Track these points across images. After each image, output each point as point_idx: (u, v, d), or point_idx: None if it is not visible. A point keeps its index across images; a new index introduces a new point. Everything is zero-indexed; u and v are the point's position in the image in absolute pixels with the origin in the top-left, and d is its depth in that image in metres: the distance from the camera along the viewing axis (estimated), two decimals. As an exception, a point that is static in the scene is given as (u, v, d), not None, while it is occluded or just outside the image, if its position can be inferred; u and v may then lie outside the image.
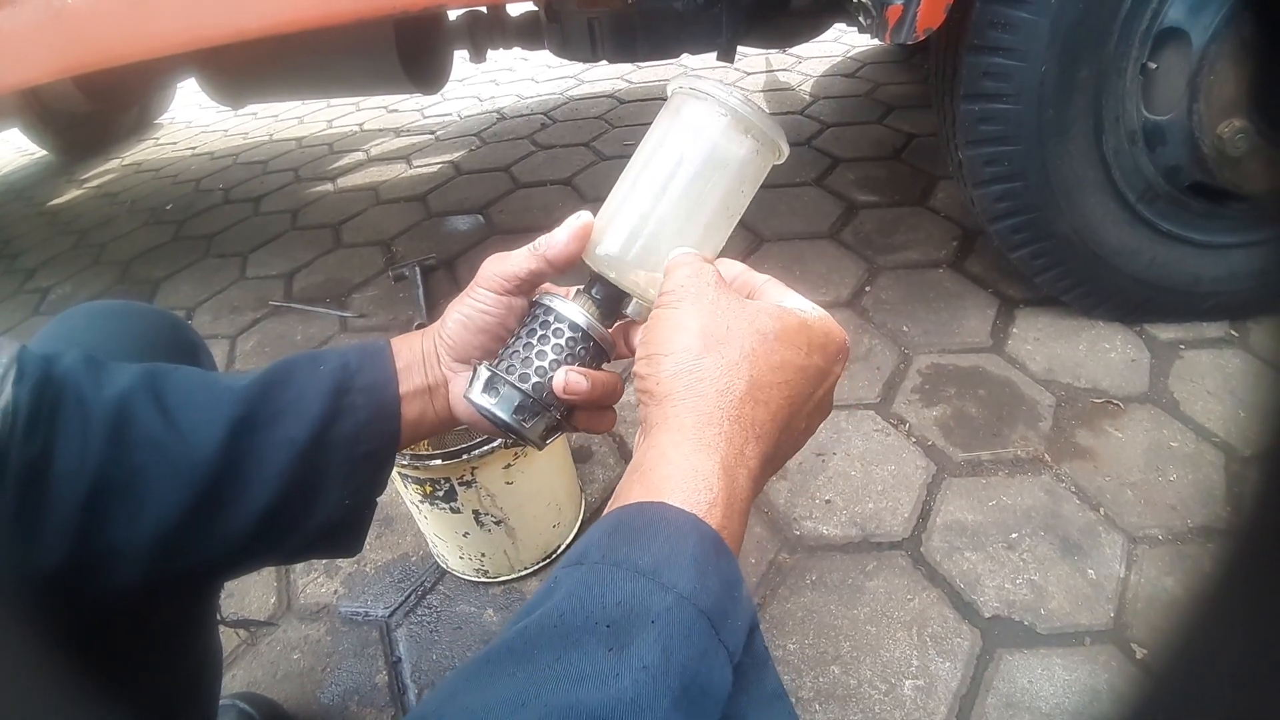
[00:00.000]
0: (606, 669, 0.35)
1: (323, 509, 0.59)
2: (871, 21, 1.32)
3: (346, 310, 2.08)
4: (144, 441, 0.52)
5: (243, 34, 1.40)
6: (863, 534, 1.22)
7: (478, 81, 4.12)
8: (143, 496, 0.51)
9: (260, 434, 0.56)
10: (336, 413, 0.58)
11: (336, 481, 0.59)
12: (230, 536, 0.56)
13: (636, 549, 0.40)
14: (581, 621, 0.37)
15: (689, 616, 0.37)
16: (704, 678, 0.36)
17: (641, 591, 0.38)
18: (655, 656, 0.35)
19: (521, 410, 0.58)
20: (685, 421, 0.46)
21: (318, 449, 0.57)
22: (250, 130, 4.00)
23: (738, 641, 0.38)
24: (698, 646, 0.36)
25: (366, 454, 0.60)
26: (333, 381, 0.59)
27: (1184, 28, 1.22)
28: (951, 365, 1.53)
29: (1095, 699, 0.97)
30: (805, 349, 0.50)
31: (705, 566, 0.39)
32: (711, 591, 0.38)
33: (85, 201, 3.43)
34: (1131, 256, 1.43)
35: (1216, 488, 1.21)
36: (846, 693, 1.01)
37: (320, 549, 0.64)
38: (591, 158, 2.80)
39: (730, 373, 0.47)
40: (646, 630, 0.36)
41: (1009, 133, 1.33)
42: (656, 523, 0.41)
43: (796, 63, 3.47)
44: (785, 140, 0.58)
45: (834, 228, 2.07)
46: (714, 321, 0.48)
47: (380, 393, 0.61)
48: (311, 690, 1.13)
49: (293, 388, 0.58)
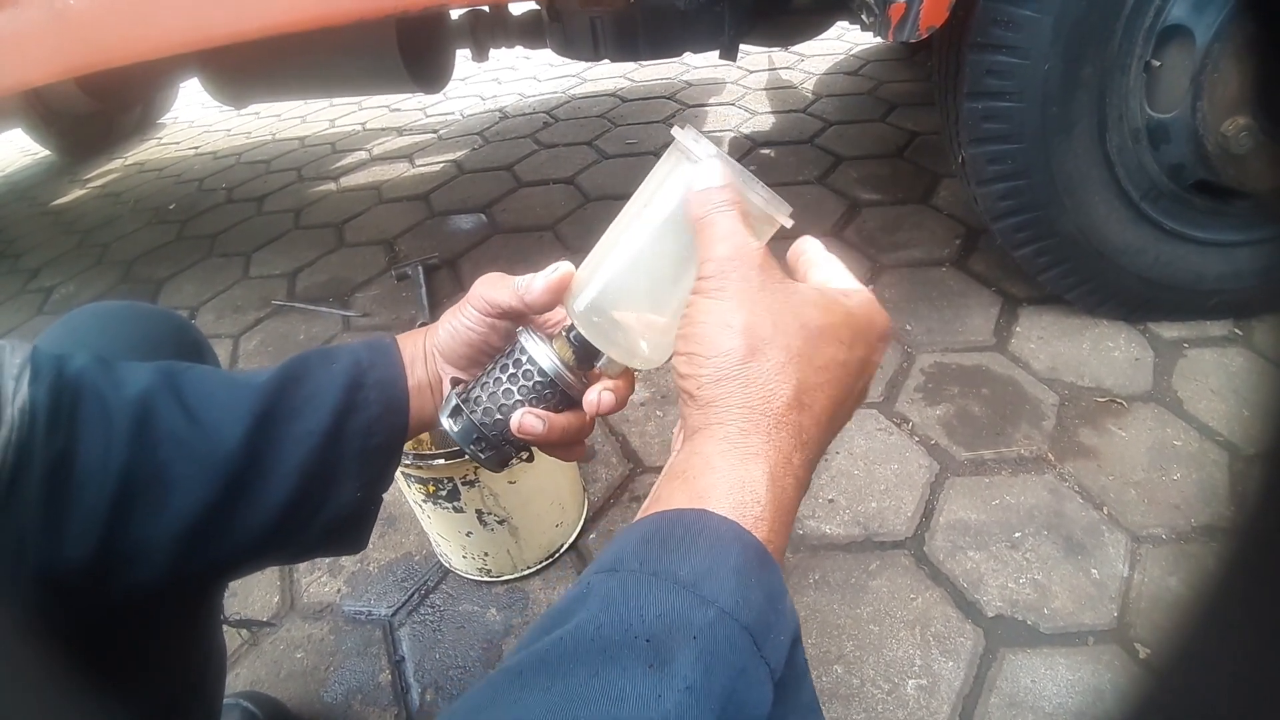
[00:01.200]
0: (647, 689, 0.33)
1: (335, 502, 0.60)
2: (874, 19, 1.31)
3: (349, 309, 2.08)
4: (167, 437, 0.53)
5: (244, 34, 1.40)
6: (866, 533, 1.22)
7: (480, 80, 4.12)
8: (168, 492, 0.52)
9: (281, 427, 0.57)
10: (351, 406, 0.59)
11: (350, 473, 0.60)
12: (249, 531, 0.56)
13: (676, 559, 0.38)
14: (620, 635, 0.35)
15: (731, 632, 0.35)
16: (743, 695, 0.34)
17: (682, 605, 0.36)
18: (698, 676, 0.33)
19: (479, 442, 0.60)
20: (730, 430, 0.44)
21: (334, 441, 0.58)
22: (253, 130, 4.00)
23: (780, 656, 0.37)
24: (739, 664, 0.35)
25: (378, 446, 0.61)
26: (347, 376, 0.60)
27: (1187, 25, 1.21)
28: (955, 364, 1.53)
29: (1099, 699, 0.96)
30: (849, 343, 0.48)
31: (748, 579, 0.38)
32: (754, 605, 0.37)
33: (88, 201, 3.43)
34: (1135, 255, 1.42)
35: (1220, 487, 1.21)
36: (850, 692, 1.01)
37: (328, 545, 0.65)
38: (594, 156, 2.80)
39: (777, 377, 0.44)
40: (688, 647, 0.34)
41: (1012, 131, 1.32)
42: (697, 531, 0.40)
43: (799, 60, 3.47)
44: (785, 211, 0.53)
45: (837, 226, 2.06)
46: (758, 317, 0.45)
47: (391, 387, 0.62)
48: (315, 689, 1.13)
49: (310, 383, 0.59)
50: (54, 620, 0.50)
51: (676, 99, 3.26)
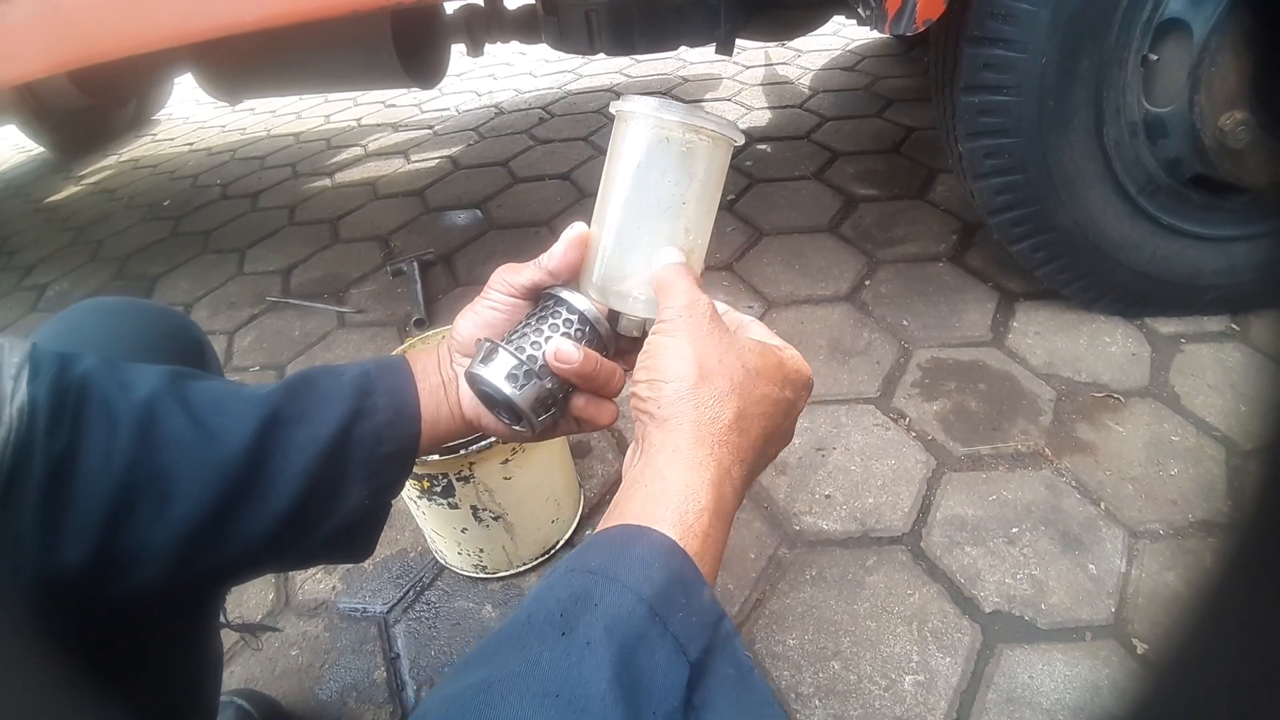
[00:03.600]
0: (559, 651, 0.39)
1: (341, 510, 0.60)
2: (871, 13, 1.31)
3: (344, 306, 2.07)
4: (171, 441, 0.52)
5: (237, 27, 1.39)
6: (862, 529, 1.21)
7: (475, 76, 4.11)
8: (169, 495, 0.52)
9: (286, 433, 0.57)
10: (359, 413, 0.60)
11: (357, 481, 0.60)
12: (252, 537, 0.56)
13: (589, 556, 0.45)
14: (541, 616, 0.42)
15: (629, 602, 0.41)
16: (645, 659, 0.39)
17: (588, 584, 0.43)
18: (597, 634, 0.39)
19: (513, 378, 0.59)
20: (681, 443, 0.51)
21: (341, 447, 0.59)
22: (248, 126, 3.99)
23: (692, 637, 0.42)
24: (637, 628, 0.40)
25: (388, 454, 0.62)
26: (355, 385, 0.61)
27: (1185, 19, 1.21)
28: (951, 359, 1.53)
29: (1096, 694, 0.96)
30: (780, 384, 0.56)
31: (650, 564, 0.44)
32: (655, 583, 0.42)
33: (83, 198, 3.42)
34: (1132, 249, 1.42)
35: (1217, 482, 1.20)
36: (847, 688, 1.01)
37: (333, 553, 0.65)
38: (590, 152, 2.79)
39: (721, 402, 0.52)
40: (590, 613, 0.41)
41: (1009, 125, 1.32)
42: (612, 536, 0.47)
43: (795, 56, 3.47)
44: (716, 125, 0.58)
45: (833, 221, 2.06)
46: (707, 352, 0.53)
47: (400, 395, 0.63)
48: (310, 686, 1.13)
49: (316, 391, 0.60)
50: (51, 622, 0.50)
51: (673, 94, 3.25)
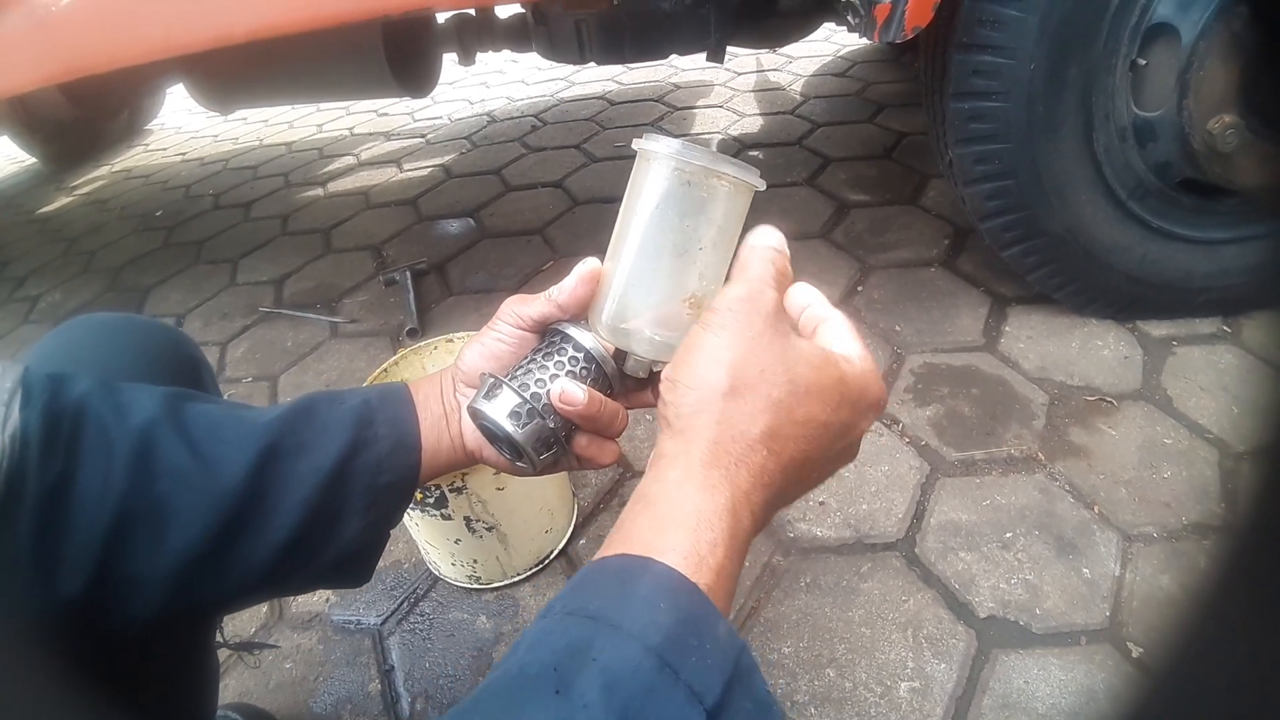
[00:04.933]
0: (553, 712, 0.35)
1: (341, 539, 0.59)
2: (860, 20, 1.31)
3: (337, 316, 2.07)
4: (169, 470, 0.52)
5: (226, 39, 1.39)
6: (857, 535, 1.21)
7: (468, 84, 4.11)
8: (167, 526, 0.51)
9: (286, 464, 0.56)
10: (360, 443, 0.59)
11: (357, 511, 0.60)
12: (250, 567, 0.55)
13: (589, 596, 0.41)
14: (536, 670, 0.37)
15: (634, 653, 0.37)
16: (651, 712, 0.36)
17: (586, 633, 0.38)
18: (595, 694, 0.35)
19: (516, 415, 0.58)
20: (694, 460, 0.45)
21: (341, 479, 0.58)
22: (240, 135, 3.98)
23: (709, 681, 0.38)
24: (644, 683, 0.36)
25: (388, 485, 0.61)
26: (355, 415, 0.60)
27: (1173, 23, 1.22)
28: (944, 364, 1.53)
29: (1092, 699, 0.96)
30: (835, 405, 0.49)
31: (656, 605, 0.39)
32: (662, 629, 0.38)
33: (75, 209, 3.41)
34: (1123, 253, 1.42)
35: (1211, 484, 1.20)
36: (842, 696, 1.00)
37: (332, 580, 0.64)
38: (582, 160, 2.80)
39: (749, 420, 0.46)
40: (588, 669, 0.36)
41: (999, 131, 1.32)
42: (613, 571, 0.42)
43: (787, 62, 3.47)
44: (738, 170, 0.56)
45: (825, 227, 2.06)
46: (748, 361, 0.47)
47: (401, 424, 0.62)
48: (304, 700, 1.12)
49: (317, 420, 0.59)
50: (47, 649, 0.49)
51: (665, 101, 3.25)
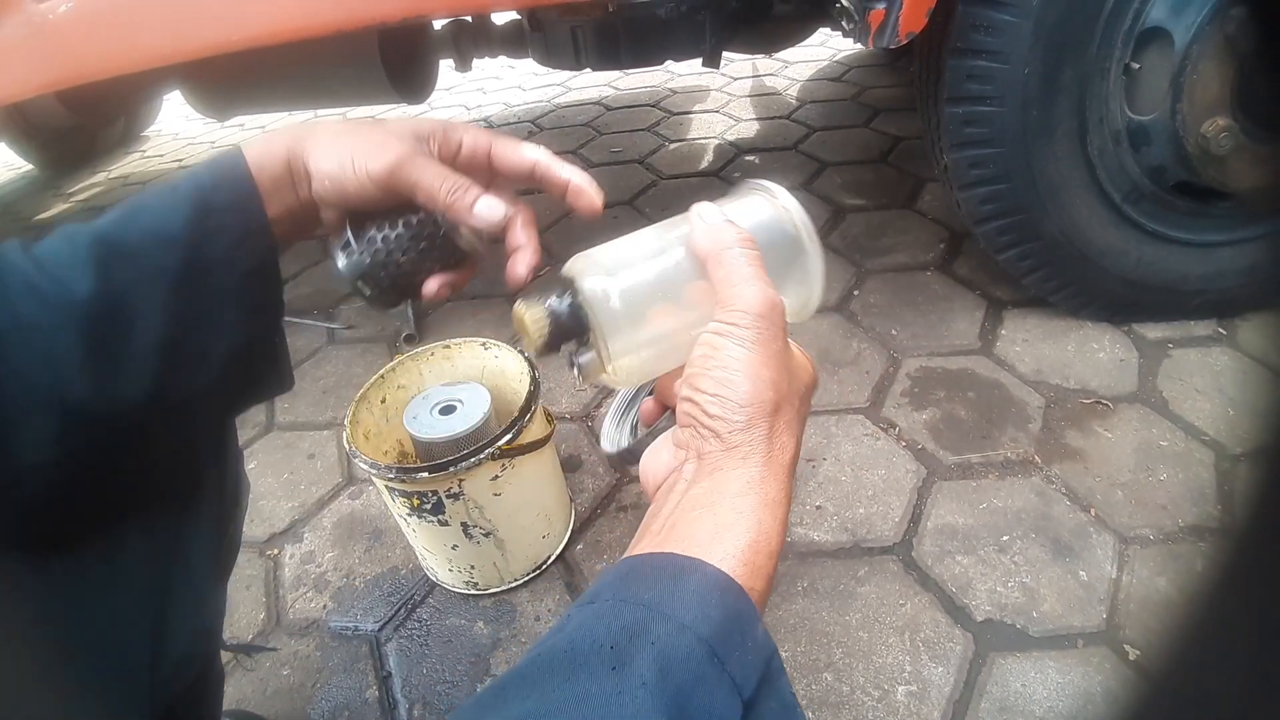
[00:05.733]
0: (610, 687, 0.36)
1: (225, 335, 0.59)
2: (854, 26, 1.32)
3: (334, 322, 2.07)
4: (21, 288, 0.52)
5: (224, 47, 1.39)
6: (853, 539, 1.21)
7: (465, 90, 4.11)
8: (34, 342, 0.52)
9: (128, 267, 0.55)
10: (202, 236, 0.57)
11: (229, 304, 0.59)
12: (139, 372, 0.55)
13: (642, 587, 0.42)
14: (588, 646, 0.39)
15: (688, 641, 0.38)
16: (701, 699, 0.37)
17: (643, 618, 0.40)
18: (653, 674, 0.37)
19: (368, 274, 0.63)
20: (753, 475, 0.47)
21: (196, 274, 0.57)
22: (237, 142, 3.97)
23: (748, 677, 0.39)
24: (696, 670, 0.38)
25: (251, 271, 0.59)
26: (190, 205, 0.57)
27: (1166, 27, 1.22)
28: (940, 368, 1.53)
29: (1089, 702, 0.96)
30: (808, 401, 0.54)
31: (708, 600, 0.41)
32: (713, 622, 0.40)
33: (72, 216, 3.40)
34: (1118, 256, 1.43)
35: (1207, 486, 1.21)
36: (840, 699, 1.00)
37: (246, 387, 0.65)
38: (579, 165, 2.79)
39: (787, 433, 0.49)
40: (646, 651, 0.38)
41: (993, 135, 1.33)
42: (663, 565, 0.44)
43: (783, 67, 3.48)
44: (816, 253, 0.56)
45: (821, 232, 2.07)
46: (781, 376, 0.49)
47: (244, 209, 0.59)
48: (301, 706, 1.12)
49: (147, 217, 0.57)
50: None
51: (661, 107, 3.26)
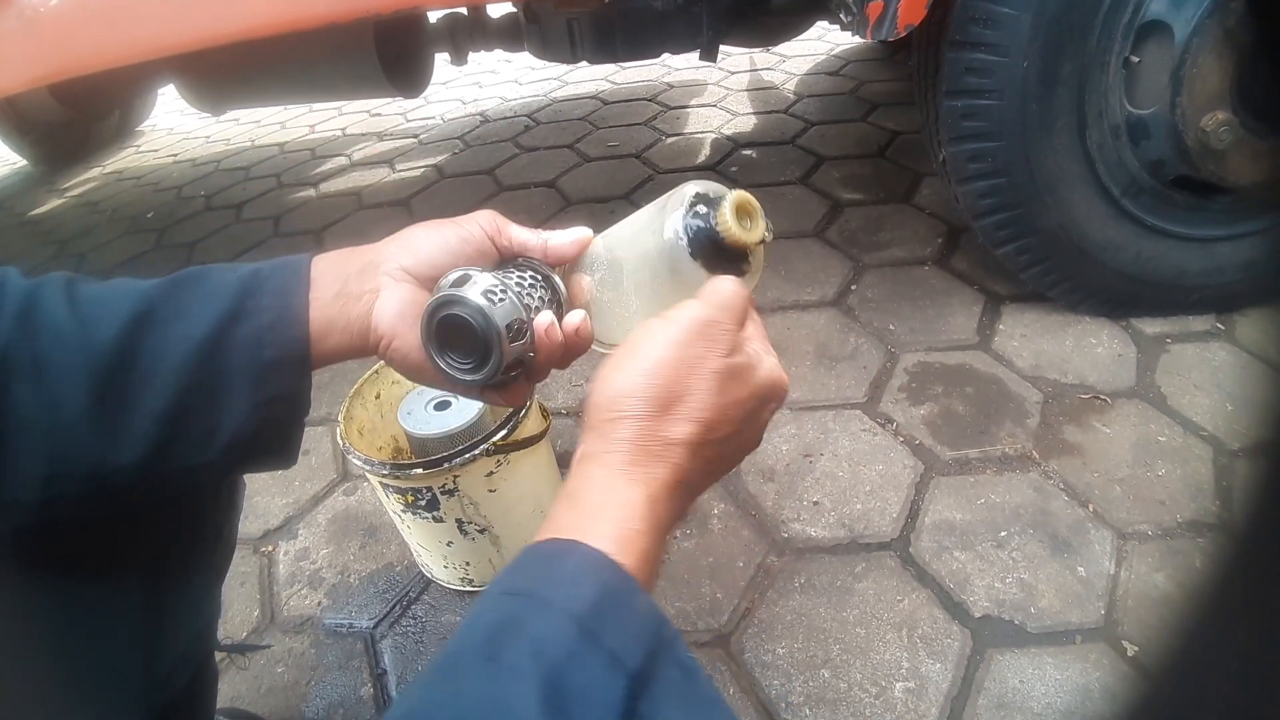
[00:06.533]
0: (483, 678, 0.39)
1: (232, 418, 0.57)
2: (853, 19, 1.31)
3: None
4: (48, 327, 0.52)
5: (216, 40, 1.38)
6: (851, 535, 1.21)
7: (461, 84, 4.10)
8: (44, 381, 0.52)
9: (159, 330, 0.55)
10: (238, 314, 0.57)
11: (242, 388, 0.57)
12: (138, 436, 0.54)
13: (519, 576, 0.45)
14: (471, 645, 0.41)
15: (559, 622, 0.40)
16: (578, 678, 0.39)
17: (514, 607, 0.42)
18: (525, 660, 0.38)
19: (510, 328, 0.57)
20: (615, 459, 0.49)
21: (216, 349, 0.56)
22: (232, 136, 3.97)
23: (630, 647, 0.41)
24: (568, 648, 0.39)
25: (272, 360, 0.58)
26: (240, 285, 0.58)
27: (1166, 21, 1.21)
28: (938, 363, 1.52)
29: (1087, 698, 0.96)
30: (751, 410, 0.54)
31: (581, 580, 0.43)
32: (585, 600, 0.41)
33: (66, 210, 3.39)
34: (1117, 251, 1.42)
35: (1205, 482, 1.20)
36: (837, 696, 1.00)
37: (249, 462, 0.64)
38: (575, 159, 2.79)
39: (672, 427, 0.50)
40: (515, 637, 0.40)
41: (992, 129, 1.32)
42: (542, 552, 0.46)
43: (780, 61, 3.47)
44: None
45: (819, 226, 2.06)
46: (685, 379, 0.51)
47: (289, 296, 0.59)
48: (296, 704, 1.11)
49: (200, 289, 0.57)
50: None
51: (658, 101, 3.25)
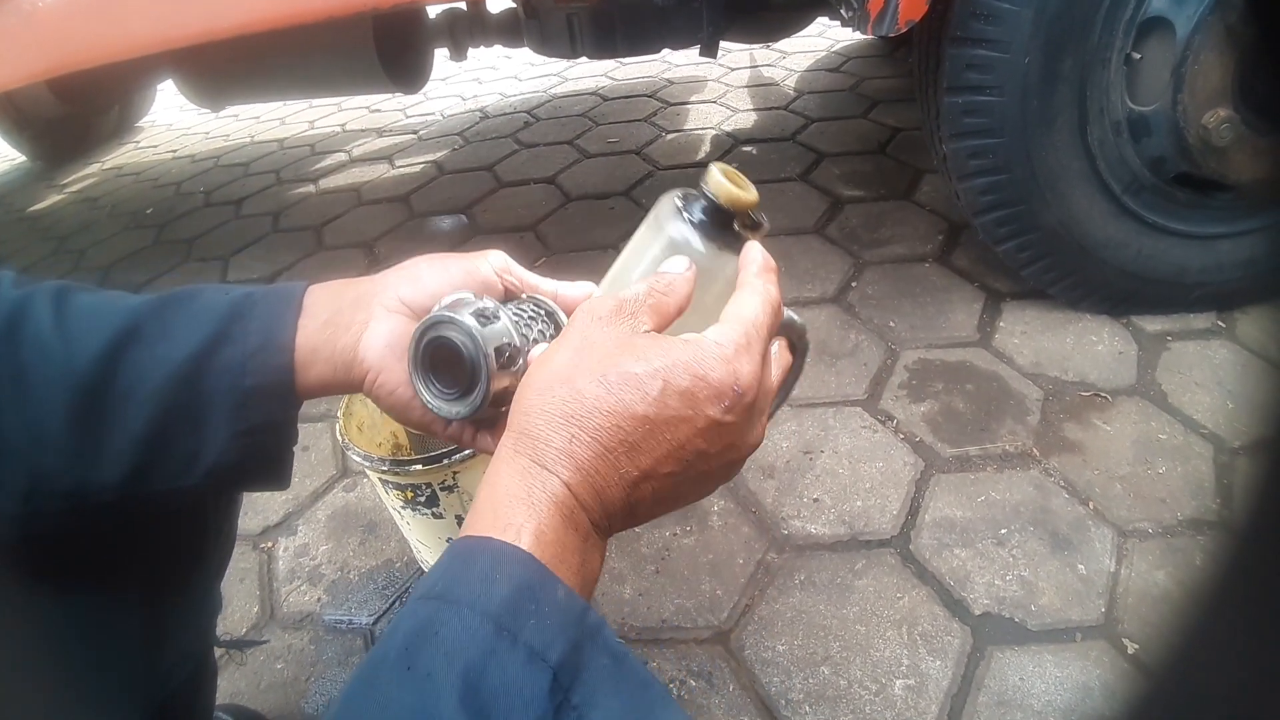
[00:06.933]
0: (405, 687, 0.38)
1: (214, 442, 0.56)
2: (853, 14, 1.31)
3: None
4: (32, 341, 0.52)
5: (215, 34, 1.38)
6: (851, 532, 1.21)
7: (460, 80, 4.09)
8: (25, 396, 0.52)
9: (142, 350, 0.54)
10: (222, 338, 0.55)
11: (222, 414, 0.55)
12: (116, 458, 0.54)
13: (435, 578, 0.43)
14: (390, 654, 0.40)
15: (472, 622, 0.40)
16: (496, 676, 0.38)
17: (429, 611, 0.41)
18: (439, 664, 0.38)
19: (500, 352, 0.54)
20: (524, 452, 0.47)
21: (196, 373, 0.54)
22: (231, 132, 3.96)
23: (550, 641, 0.40)
24: (483, 648, 0.39)
25: (253, 388, 0.56)
26: (230, 308, 0.56)
27: (1168, 17, 1.21)
28: (938, 360, 1.52)
29: (1087, 696, 0.96)
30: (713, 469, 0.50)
31: (492, 577, 0.42)
32: (498, 597, 0.41)
33: (65, 206, 3.39)
34: (1118, 248, 1.42)
35: (1206, 480, 1.20)
36: (837, 693, 1.00)
37: (237, 487, 0.64)
38: (575, 155, 2.78)
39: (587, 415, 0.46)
40: (430, 643, 0.39)
41: (993, 125, 1.32)
42: (457, 552, 0.45)
43: (781, 58, 3.46)
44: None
45: (819, 223, 2.06)
46: (587, 360, 0.48)
47: (276, 322, 0.57)
48: (295, 700, 1.11)
49: (188, 310, 0.56)
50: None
51: (658, 97, 3.24)
